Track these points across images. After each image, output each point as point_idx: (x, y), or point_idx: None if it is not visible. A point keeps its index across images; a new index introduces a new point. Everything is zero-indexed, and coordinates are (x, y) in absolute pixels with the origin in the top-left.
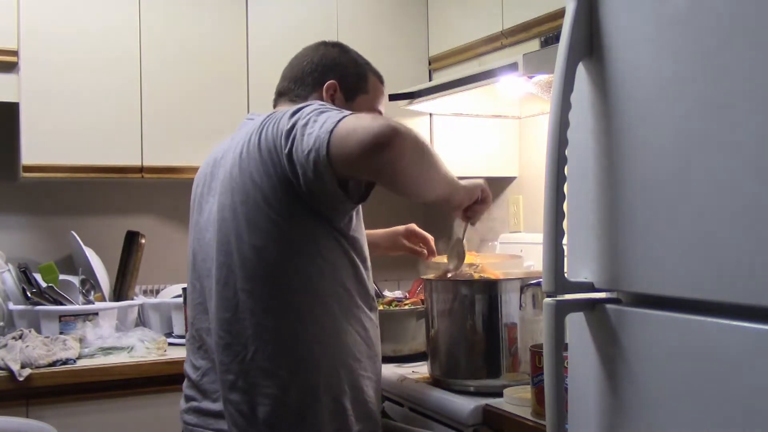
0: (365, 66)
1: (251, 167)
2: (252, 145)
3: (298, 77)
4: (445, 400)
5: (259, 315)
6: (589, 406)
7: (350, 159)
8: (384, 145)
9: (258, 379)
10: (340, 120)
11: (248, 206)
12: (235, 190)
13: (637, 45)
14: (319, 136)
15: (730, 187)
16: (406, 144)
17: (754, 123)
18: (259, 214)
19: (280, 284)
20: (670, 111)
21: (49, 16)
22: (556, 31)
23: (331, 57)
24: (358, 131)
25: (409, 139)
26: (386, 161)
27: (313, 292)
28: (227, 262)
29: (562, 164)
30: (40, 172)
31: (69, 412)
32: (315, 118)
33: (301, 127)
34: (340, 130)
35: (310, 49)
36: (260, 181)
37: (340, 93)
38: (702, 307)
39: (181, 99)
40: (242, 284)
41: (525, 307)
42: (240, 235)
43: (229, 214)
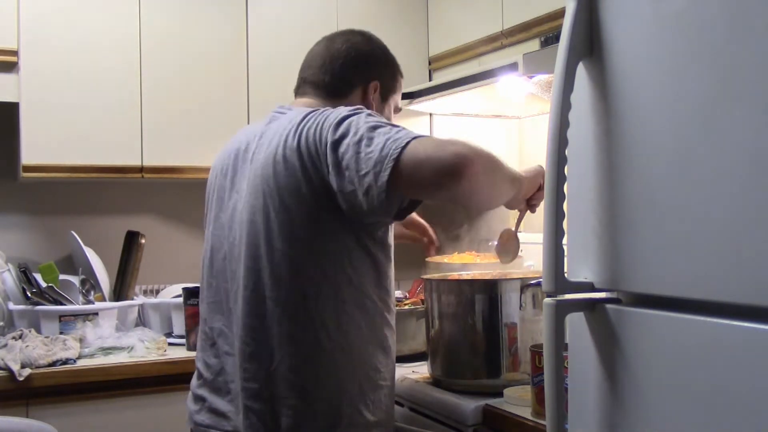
0: (396, 65)
1: (288, 173)
2: (290, 150)
3: (338, 72)
4: (445, 400)
5: (285, 324)
6: (589, 406)
7: (423, 187)
8: (460, 175)
9: (282, 390)
10: (406, 145)
11: (282, 213)
12: (268, 194)
13: (637, 45)
14: (380, 161)
15: (730, 186)
16: (479, 169)
17: (754, 122)
18: (293, 223)
19: (308, 294)
20: (670, 111)
21: (49, 16)
22: (556, 31)
23: (375, 55)
24: (432, 161)
25: (481, 162)
26: (463, 189)
27: (341, 303)
28: (256, 268)
29: (562, 164)
30: (40, 172)
31: (69, 412)
32: (370, 134)
33: (353, 144)
34: (408, 157)
35: (347, 40)
36: (296, 189)
37: (378, 94)
38: (702, 307)
39: (181, 99)
40: (270, 292)
41: (525, 307)
42: (270, 241)
43: (261, 218)
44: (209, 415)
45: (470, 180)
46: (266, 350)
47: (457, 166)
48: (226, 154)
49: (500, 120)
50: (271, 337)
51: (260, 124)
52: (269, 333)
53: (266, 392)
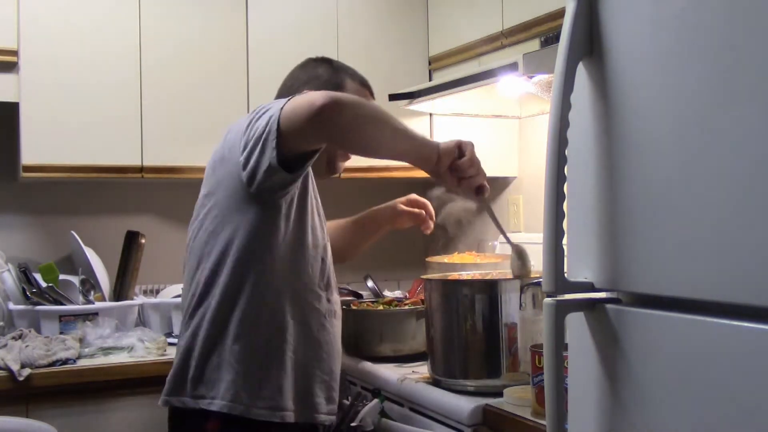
0: (343, 72)
1: (218, 164)
2: (223, 145)
3: (282, 93)
4: (445, 400)
5: (204, 295)
6: (589, 406)
7: (298, 127)
8: (321, 107)
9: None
10: (287, 101)
11: (208, 197)
12: (205, 184)
13: (637, 45)
14: (271, 117)
15: (730, 186)
16: (342, 103)
17: (754, 122)
18: (214, 204)
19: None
20: (670, 110)
21: (49, 16)
22: (556, 31)
23: (309, 70)
24: (302, 104)
25: (349, 100)
26: (327, 122)
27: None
28: (191, 246)
29: (562, 164)
30: (40, 172)
31: (69, 412)
32: (265, 108)
33: (254, 121)
34: (287, 108)
35: (298, 67)
36: (221, 175)
37: None
38: (702, 307)
39: (181, 99)
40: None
41: (525, 307)
42: (201, 221)
43: (199, 204)
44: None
45: (334, 113)
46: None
47: (323, 101)
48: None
49: (500, 120)
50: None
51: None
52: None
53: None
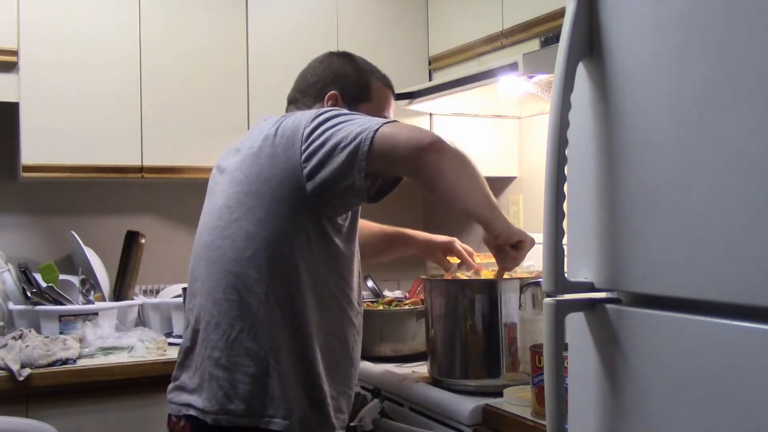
0: (369, 73)
1: (262, 160)
2: (266, 142)
3: (303, 88)
4: (445, 400)
5: (245, 297)
6: (589, 406)
7: (394, 156)
8: (428, 146)
9: (241, 359)
10: (383, 123)
11: (249, 194)
12: (243, 181)
13: (637, 45)
14: (360, 133)
15: (730, 186)
16: (448, 149)
17: (754, 122)
18: (259, 203)
19: (263, 272)
20: (670, 111)
21: (49, 16)
22: (556, 31)
23: (333, 67)
24: (404, 133)
25: (451, 148)
26: (428, 160)
27: (296, 283)
28: (221, 246)
29: (562, 164)
30: (40, 172)
31: (69, 412)
32: (347, 119)
33: (329, 127)
34: (385, 130)
35: (317, 60)
36: (268, 172)
37: (342, 103)
38: (702, 307)
39: (181, 99)
40: (231, 266)
41: (525, 306)
42: (238, 220)
43: (233, 202)
44: (177, 392)
45: (437, 157)
46: (227, 321)
47: (427, 140)
48: (216, 165)
49: (500, 120)
50: (231, 309)
51: (248, 133)
52: (230, 305)
53: (226, 360)
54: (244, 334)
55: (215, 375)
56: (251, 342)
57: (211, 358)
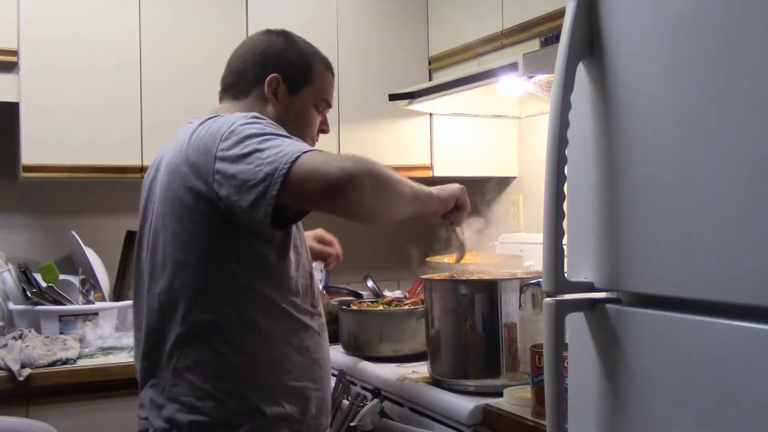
0: (311, 56)
1: (179, 179)
2: (182, 158)
3: (240, 71)
4: (445, 400)
5: (178, 326)
6: (589, 406)
7: (309, 200)
8: (344, 191)
9: (180, 388)
10: (295, 159)
11: (174, 221)
12: (167, 202)
13: (637, 45)
14: (270, 174)
15: (730, 186)
16: (367, 186)
17: (754, 122)
18: (182, 229)
19: (198, 300)
20: (670, 111)
21: (49, 16)
22: (556, 31)
23: (275, 48)
24: (318, 175)
25: (369, 180)
26: (348, 204)
27: (233, 305)
28: (154, 272)
29: (562, 164)
30: (40, 172)
31: (69, 412)
32: (260, 146)
33: (243, 155)
34: (296, 171)
35: (253, 40)
36: (183, 193)
37: (283, 86)
38: (702, 307)
39: (181, 99)
40: (164, 296)
41: (525, 306)
42: (165, 247)
43: (160, 225)
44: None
45: (355, 196)
46: (163, 349)
47: (342, 182)
48: (149, 169)
49: (500, 120)
50: (168, 337)
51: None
52: (167, 333)
53: (166, 389)
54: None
55: (156, 402)
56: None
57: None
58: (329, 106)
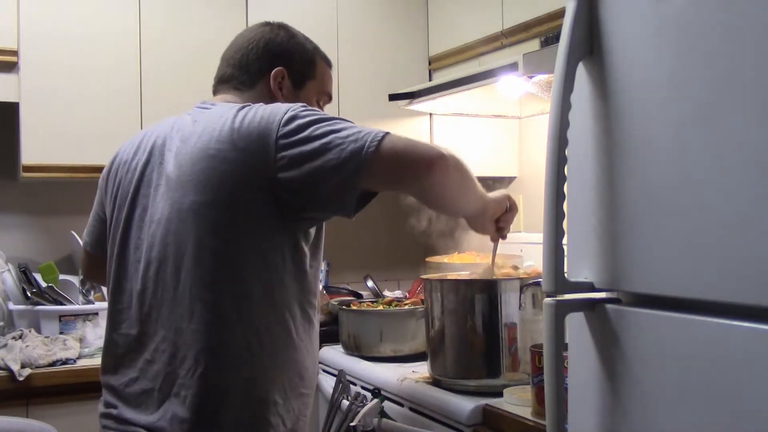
0: (313, 51)
1: (223, 167)
2: (225, 144)
3: (243, 63)
4: (445, 400)
5: (212, 323)
6: (589, 406)
7: (395, 179)
8: (435, 168)
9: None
10: (383, 138)
11: (213, 209)
12: (199, 190)
13: (637, 45)
14: (355, 151)
15: (730, 186)
16: (451, 168)
17: (754, 122)
18: (224, 219)
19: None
20: (671, 111)
21: (49, 16)
22: (556, 31)
23: (278, 42)
24: (408, 153)
25: (453, 163)
26: (434, 183)
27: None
28: (177, 265)
29: (562, 164)
30: (40, 172)
31: (69, 412)
32: (333, 126)
33: (313, 136)
34: (386, 148)
35: (254, 32)
36: (232, 181)
37: (287, 80)
38: (702, 307)
39: (181, 99)
40: (195, 289)
41: (525, 307)
42: (199, 236)
43: (188, 214)
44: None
45: (443, 176)
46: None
47: (434, 160)
48: (131, 150)
49: (500, 120)
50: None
51: (176, 119)
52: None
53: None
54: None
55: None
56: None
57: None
58: (330, 99)
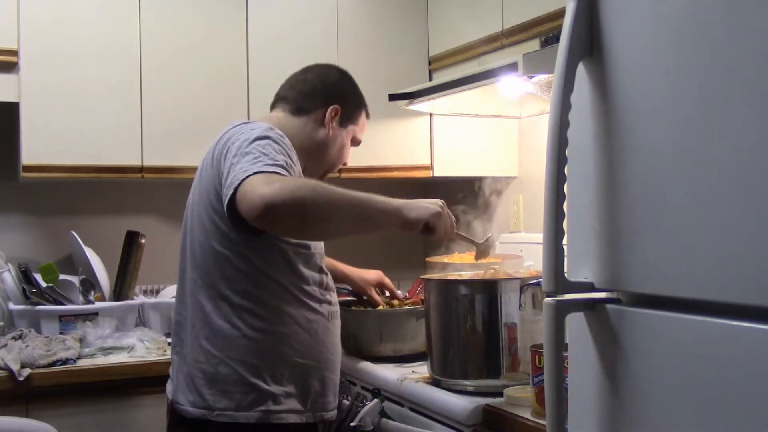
0: (362, 101)
1: (209, 174)
2: (213, 156)
3: (307, 92)
4: (445, 400)
5: (198, 302)
6: (589, 406)
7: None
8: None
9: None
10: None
11: (199, 206)
12: (195, 191)
13: (637, 45)
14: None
15: (730, 186)
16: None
17: (754, 122)
18: (205, 214)
19: (216, 277)
20: (670, 111)
21: (49, 16)
22: (556, 31)
23: (341, 85)
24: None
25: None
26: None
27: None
28: (185, 256)
29: (562, 164)
30: (40, 172)
31: (69, 412)
32: (239, 159)
33: (229, 164)
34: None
35: (323, 69)
36: (208, 186)
37: (338, 117)
38: (702, 307)
39: (181, 99)
40: (190, 273)
41: (525, 307)
42: (193, 231)
43: (191, 212)
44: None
45: (274, 222)
46: (187, 324)
47: (260, 210)
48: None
49: (500, 120)
50: (187, 313)
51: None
52: (186, 309)
53: (189, 358)
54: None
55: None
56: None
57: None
58: (358, 144)
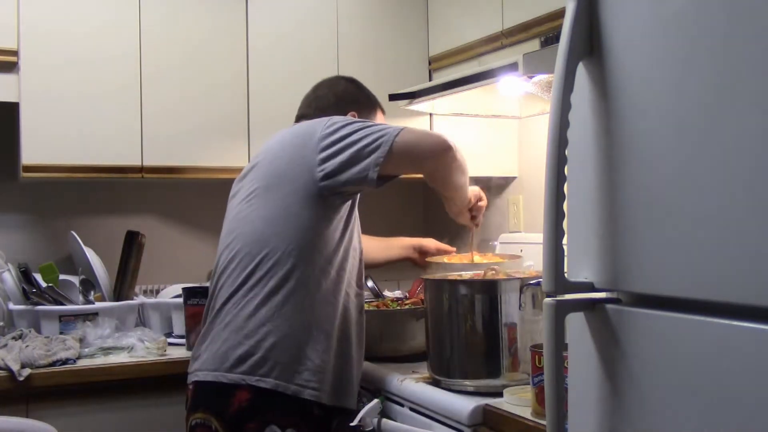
0: (374, 101)
1: (278, 161)
2: (283, 144)
3: (323, 106)
4: (445, 400)
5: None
6: (589, 406)
7: (416, 156)
8: (446, 153)
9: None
10: (399, 131)
11: (263, 192)
12: (260, 179)
13: (637, 45)
14: (380, 138)
15: (730, 186)
16: (458, 155)
17: (754, 122)
18: (270, 199)
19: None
20: (670, 111)
21: (49, 16)
22: (556, 31)
23: (351, 92)
24: (423, 139)
25: (459, 152)
26: (444, 165)
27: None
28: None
29: (562, 164)
30: (40, 172)
31: (69, 412)
32: (362, 125)
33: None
34: (406, 137)
35: (331, 82)
36: (283, 170)
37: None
38: (702, 307)
39: (181, 99)
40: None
41: (525, 307)
42: (256, 210)
43: (247, 195)
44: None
45: (451, 159)
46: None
47: (443, 147)
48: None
49: (500, 120)
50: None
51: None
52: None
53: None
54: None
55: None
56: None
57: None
58: None
